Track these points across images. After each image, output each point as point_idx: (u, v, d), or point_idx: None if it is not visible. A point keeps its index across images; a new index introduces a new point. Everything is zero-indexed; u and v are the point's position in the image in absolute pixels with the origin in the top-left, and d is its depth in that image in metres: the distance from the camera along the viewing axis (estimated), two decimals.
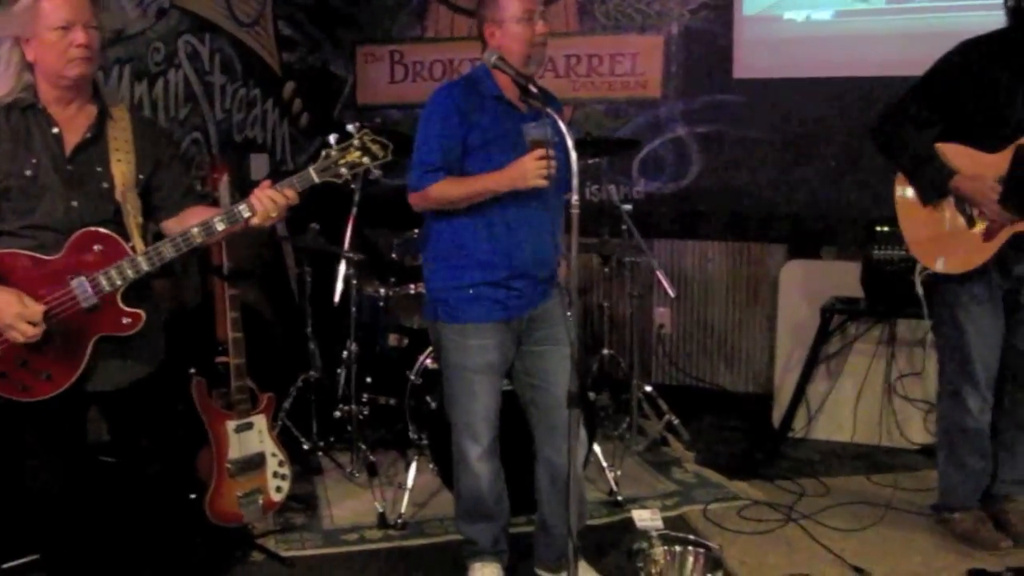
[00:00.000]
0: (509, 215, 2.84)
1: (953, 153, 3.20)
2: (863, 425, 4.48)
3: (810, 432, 4.58)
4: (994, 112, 3.13)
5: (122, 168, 2.56)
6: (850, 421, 4.50)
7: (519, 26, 2.81)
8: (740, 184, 5.11)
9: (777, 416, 4.65)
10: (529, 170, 2.70)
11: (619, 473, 3.93)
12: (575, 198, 2.40)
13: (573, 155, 2.41)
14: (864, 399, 4.46)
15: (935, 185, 3.22)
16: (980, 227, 3.17)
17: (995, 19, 3.20)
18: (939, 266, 3.27)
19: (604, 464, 3.88)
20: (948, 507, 3.44)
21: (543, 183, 2.70)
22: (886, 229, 4.15)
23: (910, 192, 3.34)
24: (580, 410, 2.46)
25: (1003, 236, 3.13)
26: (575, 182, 2.40)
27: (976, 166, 3.14)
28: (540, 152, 2.68)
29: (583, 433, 3.07)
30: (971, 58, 3.18)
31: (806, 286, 4.66)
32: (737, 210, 5.12)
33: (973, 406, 3.28)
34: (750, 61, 5.00)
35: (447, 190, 2.83)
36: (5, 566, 3.03)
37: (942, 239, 3.26)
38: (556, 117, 2.56)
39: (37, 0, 2.42)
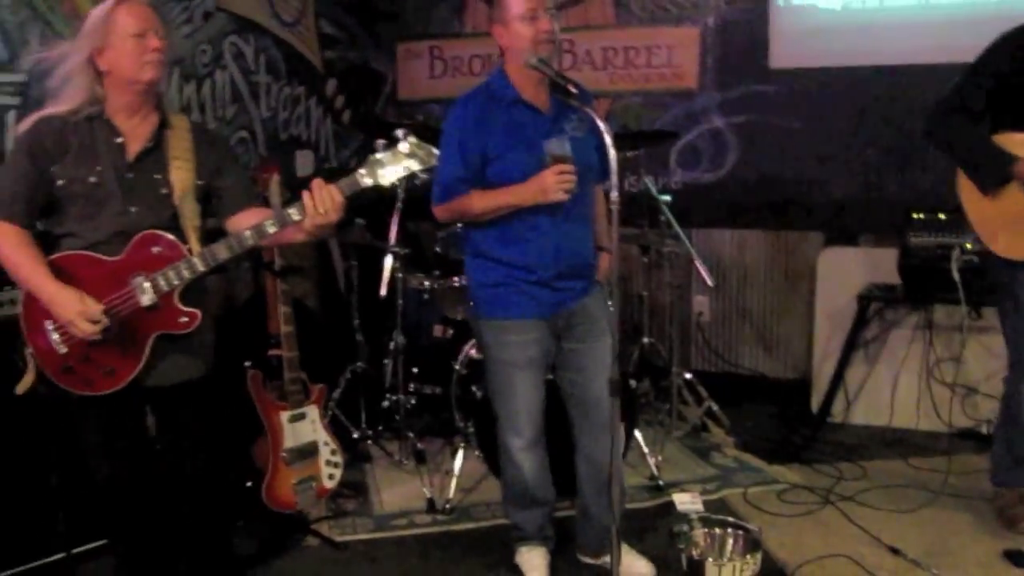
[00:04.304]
0: (542, 217, 2.88)
1: (1010, 142, 3.21)
2: (901, 410, 4.53)
3: (848, 417, 4.64)
4: None
5: (181, 175, 2.66)
6: (888, 406, 4.55)
7: (523, 25, 2.84)
8: (777, 173, 5.17)
9: (816, 402, 4.71)
10: (549, 185, 2.76)
11: (660, 458, 4.01)
12: (615, 194, 2.48)
13: (612, 150, 2.48)
14: (902, 384, 4.51)
15: (996, 173, 3.21)
16: None
17: None
18: (1014, 253, 3.24)
19: (645, 450, 3.97)
20: (996, 482, 3.50)
21: (563, 197, 2.76)
22: (922, 216, 4.19)
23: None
24: (618, 399, 2.54)
25: None
26: (614, 179, 2.48)
27: None
28: (560, 167, 2.74)
29: (621, 426, 3.16)
30: (1012, 47, 3.20)
31: (843, 273, 4.70)
32: (774, 199, 5.18)
33: None
34: (786, 51, 5.05)
35: (470, 204, 2.90)
36: (75, 550, 3.19)
37: (1016, 226, 3.23)
38: (594, 115, 2.62)
39: (111, 12, 2.55)
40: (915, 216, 4.23)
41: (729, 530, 2.99)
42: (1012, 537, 3.33)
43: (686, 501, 3.13)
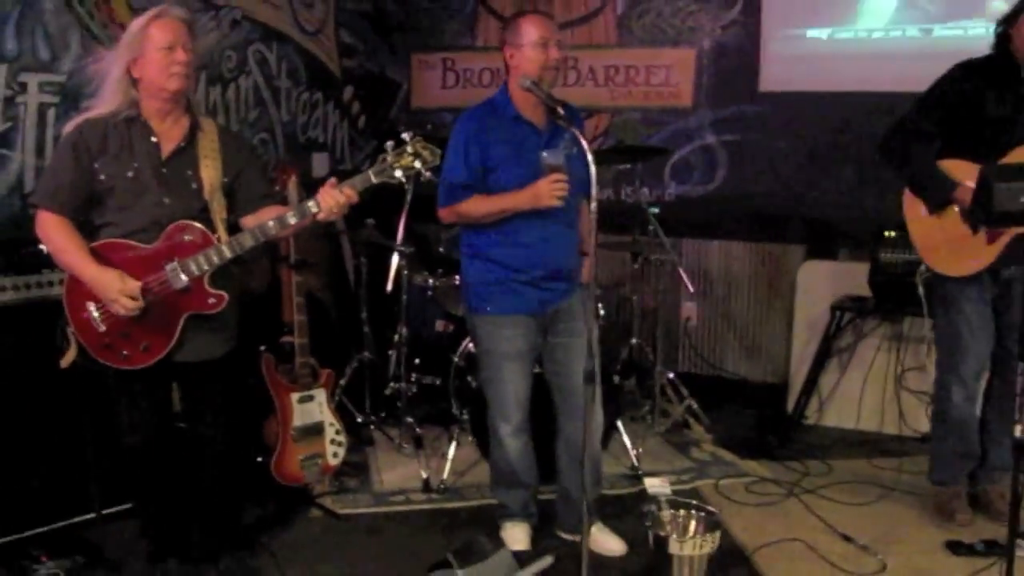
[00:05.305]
0: (534, 223, 3.19)
1: (954, 167, 3.50)
2: (869, 414, 4.83)
3: (821, 419, 4.95)
4: (985, 128, 3.45)
5: (209, 172, 2.96)
6: (858, 410, 4.85)
7: (535, 51, 3.16)
8: (763, 189, 5.47)
9: (791, 404, 5.00)
10: (545, 192, 3.07)
11: (640, 450, 4.32)
12: (593, 205, 2.79)
13: (592, 167, 2.78)
14: (871, 390, 4.80)
15: (939, 195, 3.53)
16: (983, 232, 3.45)
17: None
18: (948, 269, 3.56)
19: (628, 442, 4.27)
20: (934, 481, 3.80)
21: (558, 203, 3.08)
22: (893, 234, 4.46)
23: (917, 202, 3.64)
24: (593, 385, 2.83)
25: (1005, 239, 3.42)
26: (594, 191, 2.79)
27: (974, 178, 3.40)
28: (555, 176, 3.06)
29: (600, 414, 3.47)
30: (964, 79, 3.51)
31: (822, 285, 5.00)
32: (760, 213, 5.48)
33: (956, 397, 3.63)
34: (775, 75, 5.37)
35: (472, 208, 3.22)
36: (105, 512, 3.51)
37: (951, 244, 3.54)
38: (578, 135, 2.91)
39: (146, 26, 2.85)
40: (886, 234, 4.50)
41: (693, 512, 3.25)
42: (954, 529, 3.62)
43: (656, 485, 3.40)
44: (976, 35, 4.80)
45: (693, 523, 3.24)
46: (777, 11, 5.34)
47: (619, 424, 4.25)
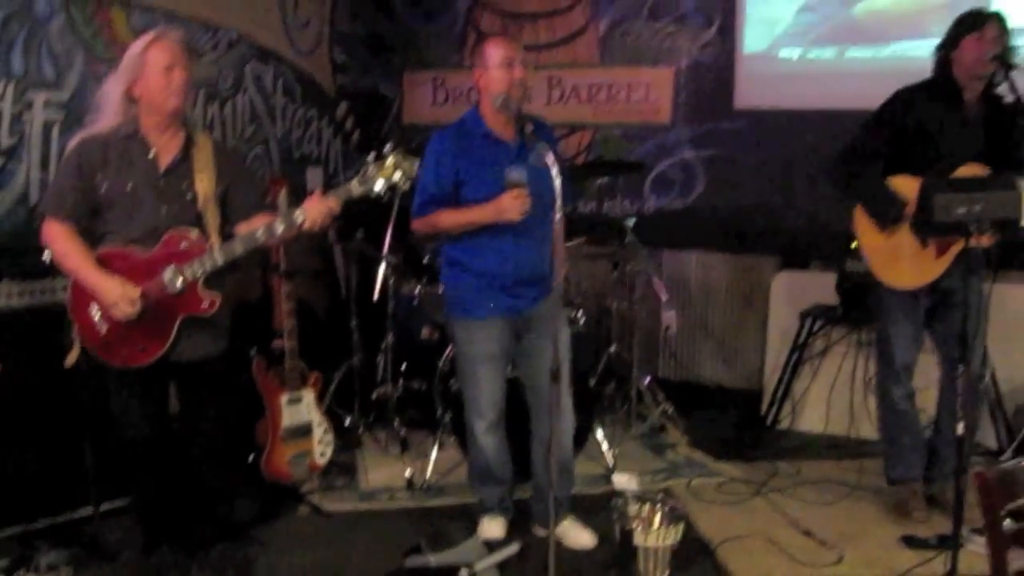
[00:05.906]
0: (507, 233, 3.37)
1: (902, 184, 3.70)
2: (838, 418, 5.00)
3: (794, 423, 5.12)
4: (930, 148, 3.66)
5: (204, 184, 3.15)
6: (828, 415, 5.02)
7: (500, 71, 3.36)
8: (739, 202, 5.68)
9: (765, 409, 5.19)
10: (506, 207, 3.28)
11: (616, 452, 4.49)
12: (558, 216, 2.99)
13: (557, 181, 2.98)
14: (841, 395, 4.98)
15: (890, 213, 3.72)
16: (933, 246, 3.66)
17: None
18: (897, 282, 3.76)
19: (604, 445, 4.44)
20: (891, 480, 3.99)
21: (518, 217, 3.27)
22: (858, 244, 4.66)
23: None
24: (559, 384, 3.01)
25: (953, 252, 3.61)
26: (559, 203, 2.99)
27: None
28: (516, 192, 3.26)
29: (571, 414, 3.63)
30: (906, 102, 3.72)
31: (795, 294, 5.21)
32: (736, 225, 5.69)
33: (896, 393, 3.86)
34: (749, 93, 5.60)
35: (441, 220, 3.42)
36: (104, 508, 3.68)
37: (901, 258, 3.74)
38: (545, 150, 3.06)
39: (146, 49, 3.05)
40: (853, 245, 4.67)
41: (658, 506, 3.41)
42: (911, 525, 3.79)
43: (623, 480, 3.59)
44: None
45: (658, 516, 3.39)
46: (752, 32, 5.56)
47: (596, 427, 4.42)
